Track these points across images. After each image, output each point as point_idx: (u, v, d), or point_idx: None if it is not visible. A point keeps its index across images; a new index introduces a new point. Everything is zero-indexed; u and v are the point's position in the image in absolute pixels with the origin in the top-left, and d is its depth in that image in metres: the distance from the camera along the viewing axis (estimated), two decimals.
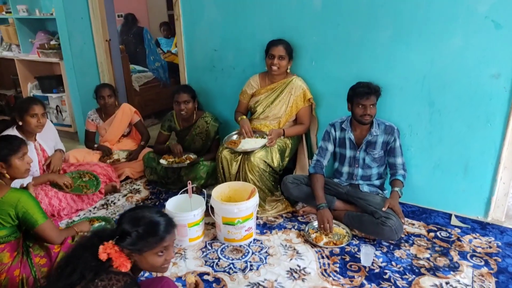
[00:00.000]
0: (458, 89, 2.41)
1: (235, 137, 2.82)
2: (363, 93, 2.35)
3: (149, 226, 1.36)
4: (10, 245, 1.85)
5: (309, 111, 2.88)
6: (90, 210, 2.81)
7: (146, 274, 2.06)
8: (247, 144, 2.68)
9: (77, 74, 3.92)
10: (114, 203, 2.92)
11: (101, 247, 1.29)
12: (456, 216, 2.59)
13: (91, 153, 3.31)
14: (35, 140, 2.72)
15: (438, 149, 2.58)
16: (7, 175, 1.92)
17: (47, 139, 2.83)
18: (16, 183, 2.49)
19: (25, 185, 2.49)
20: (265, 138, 2.70)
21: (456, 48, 2.35)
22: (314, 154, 2.70)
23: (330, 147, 2.59)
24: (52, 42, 4.14)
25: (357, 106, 2.39)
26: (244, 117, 2.90)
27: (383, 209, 2.30)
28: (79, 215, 2.74)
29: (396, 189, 2.40)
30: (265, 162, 2.63)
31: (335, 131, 2.57)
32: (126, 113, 3.40)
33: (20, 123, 2.57)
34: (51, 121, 3.90)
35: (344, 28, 2.64)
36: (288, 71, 2.83)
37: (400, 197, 2.40)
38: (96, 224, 2.56)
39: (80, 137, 4.08)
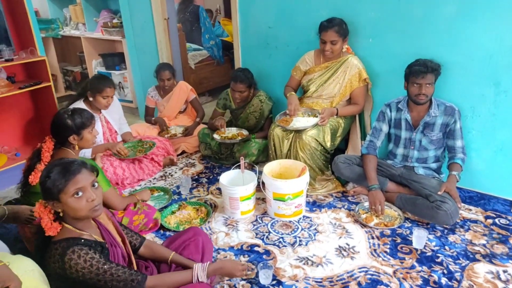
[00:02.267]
0: None
1: (287, 115, 2.84)
2: (418, 72, 2.26)
3: (57, 169, 1.38)
4: None
5: (364, 91, 2.82)
6: (150, 181, 3.00)
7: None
8: (299, 122, 2.69)
9: (138, 52, 4.12)
10: (172, 175, 3.09)
11: (35, 212, 1.38)
12: None
13: (151, 128, 3.50)
14: (100, 113, 2.93)
15: (501, 132, 2.44)
16: (77, 146, 2.11)
17: (112, 112, 3.03)
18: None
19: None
20: (317, 116, 2.70)
21: None
22: (367, 134, 2.66)
23: (385, 128, 2.54)
24: (115, 21, 4.36)
25: (412, 85, 2.31)
26: (293, 93, 2.87)
27: (439, 192, 2.24)
28: (140, 185, 2.94)
29: (454, 173, 2.32)
30: (317, 140, 2.63)
31: (390, 111, 2.51)
32: (183, 90, 3.53)
33: (91, 99, 2.77)
34: None
35: (405, 2, 2.53)
36: (344, 50, 2.77)
37: (458, 181, 2.32)
38: (156, 194, 2.75)
39: (141, 112, 4.31)
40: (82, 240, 1.40)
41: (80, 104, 2.78)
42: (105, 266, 1.37)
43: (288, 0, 3.05)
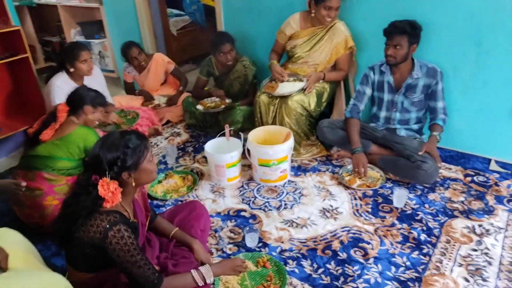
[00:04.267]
0: (510, 28, 2.24)
1: (272, 82, 2.83)
2: (386, 32, 2.29)
3: (129, 141, 1.41)
4: (72, 179, 2.06)
5: (350, 57, 2.80)
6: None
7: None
8: (284, 88, 2.68)
9: (117, 19, 3.99)
10: (157, 145, 3.09)
11: (99, 186, 1.36)
12: (496, 162, 2.53)
13: (134, 99, 3.46)
14: (83, 84, 2.86)
15: (482, 92, 2.47)
16: (82, 118, 2.15)
17: (94, 83, 2.95)
18: None
19: None
20: (303, 81, 2.69)
21: None
22: (351, 98, 2.67)
23: (368, 91, 2.55)
24: None
25: (385, 44, 2.32)
26: (275, 62, 2.86)
27: (420, 153, 2.29)
28: None
29: (435, 133, 2.36)
30: (302, 106, 2.64)
31: (374, 74, 2.51)
32: (160, 64, 3.47)
33: (72, 70, 2.70)
34: None
35: None
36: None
37: (438, 141, 2.37)
38: None
39: (123, 83, 4.23)
40: (130, 221, 1.45)
41: (62, 76, 2.72)
42: (138, 257, 1.38)
43: None
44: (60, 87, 2.67)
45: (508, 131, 2.48)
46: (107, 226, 1.35)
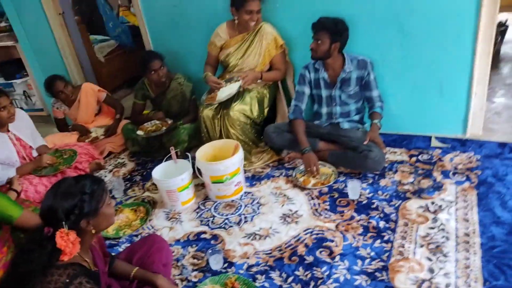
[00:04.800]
0: (426, 10, 2.37)
1: (209, 93, 2.77)
2: (312, 27, 2.37)
3: (85, 186, 1.32)
4: None
5: (283, 57, 2.81)
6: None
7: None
8: (223, 92, 2.63)
9: (37, 55, 3.76)
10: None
11: (57, 238, 1.24)
12: (436, 138, 2.65)
13: (68, 135, 3.25)
14: (9, 131, 2.65)
15: (412, 73, 2.59)
16: None
17: (21, 127, 2.74)
18: (2, 178, 2.46)
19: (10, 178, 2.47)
20: (239, 81, 2.63)
21: None
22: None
23: (307, 90, 2.57)
24: (2, 24, 3.90)
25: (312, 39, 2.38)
26: (208, 73, 2.81)
27: (365, 142, 2.34)
28: None
29: (375, 121, 2.43)
30: (244, 114, 2.61)
31: (309, 73, 2.54)
32: (90, 94, 3.30)
33: None
34: (22, 108, 3.79)
35: None
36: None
37: (379, 128, 2.44)
38: None
39: (54, 120, 3.98)
40: (91, 271, 1.34)
41: None
42: None
43: None
44: None
45: (442, 107, 2.61)
46: (67, 280, 1.23)
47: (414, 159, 2.50)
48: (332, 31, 2.31)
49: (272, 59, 2.77)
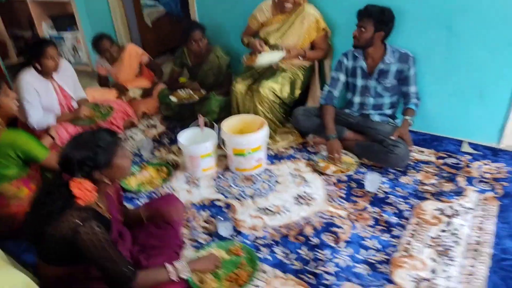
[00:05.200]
0: (480, 11, 2.26)
1: (250, 55, 2.73)
2: (357, 14, 2.31)
3: (99, 140, 1.40)
4: (23, 181, 1.99)
5: (325, 38, 2.77)
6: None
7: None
8: (264, 58, 2.63)
9: (89, 12, 3.91)
10: (133, 138, 3.06)
11: (72, 187, 1.34)
12: (469, 143, 2.57)
13: (107, 91, 3.40)
14: (53, 79, 2.81)
15: (454, 75, 2.49)
16: None
17: (65, 77, 2.90)
18: (42, 123, 2.63)
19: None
20: (282, 51, 2.63)
21: None
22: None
23: (342, 77, 2.54)
24: None
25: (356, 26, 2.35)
26: (251, 38, 2.81)
27: (392, 137, 2.31)
28: None
29: (407, 117, 2.38)
30: (274, 93, 2.63)
31: (347, 60, 2.50)
32: (133, 55, 3.41)
33: (38, 66, 2.64)
34: (69, 61, 3.98)
35: None
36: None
37: (410, 125, 2.39)
38: None
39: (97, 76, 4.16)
40: (103, 217, 1.43)
41: (30, 72, 2.64)
42: (111, 252, 1.36)
43: None
44: (29, 83, 2.61)
45: (479, 113, 2.52)
46: (79, 221, 1.33)
47: (441, 161, 2.44)
48: (377, 19, 2.26)
49: (314, 40, 2.74)
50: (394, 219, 2.01)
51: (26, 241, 1.98)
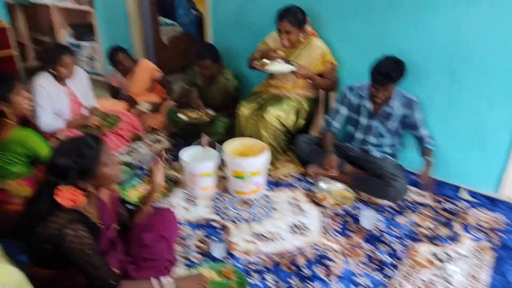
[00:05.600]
0: (482, 60, 2.32)
1: (265, 60, 2.73)
2: (378, 81, 2.30)
3: (80, 148, 1.41)
4: (27, 180, 2.03)
5: (333, 70, 2.81)
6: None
7: None
8: (275, 66, 2.65)
9: (108, 24, 4.04)
10: (137, 151, 3.09)
11: (57, 196, 1.36)
12: (467, 190, 2.58)
13: (117, 103, 3.47)
14: (65, 85, 2.87)
15: (454, 121, 2.54)
16: (9, 114, 1.98)
17: (78, 84, 2.97)
18: (50, 126, 2.68)
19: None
20: (293, 65, 2.64)
21: (484, 17, 2.24)
22: None
23: (343, 111, 2.58)
24: None
25: (372, 86, 2.36)
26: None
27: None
28: None
29: (428, 158, 2.41)
30: (279, 120, 2.68)
31: (352, 95, 2.55)
32: (145, 70, 3.50)
33: (53, 72, 2.71)
34: (84, 70, 4.08)
35: None
36: (301, 37, 2.72)
37: (432, 165, 2.41)
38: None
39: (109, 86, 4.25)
40: (91, 222, 1.45)
41: (45, 76, 2.72)
42: (95, 257, 1.37)
43: None
44: (43, 86, 2.68)
45: (479, 160, 2.54)
46: (64, 223, 1.36)
47: (438, 205, 2.45)
48: (397, 80, 2.32)
49: (323, 72, 2.77)
50: (387, 258, 2.00)
51: (15, 239, 2.00)
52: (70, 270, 1.47)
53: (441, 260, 2.00)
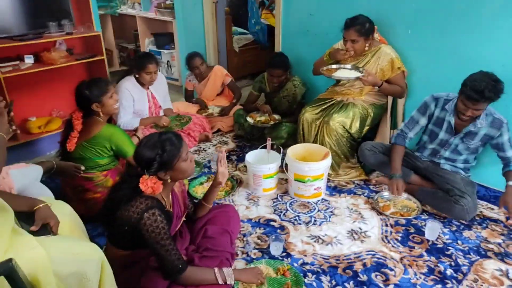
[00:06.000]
0: None
1: (333, 66, 2.81)
2: (470, 98, 2.06)
3: (164, 143, 1.57)
4: (111, 172, 2.28)
5: (402, 77, 2.76)
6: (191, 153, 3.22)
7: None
8: (342, 72, 2.69)
9: (186, 33, 4.33)
10: (205, 150, 3.30)
11: (141, 183, 1.54)
12: None
13: (190, 106, 3.72)
14: (148, 88, 3.16)
15: None
16: (101, 113, 2.24)
17: (158, 89, 3.25)
18: (128, 124, 2.97)
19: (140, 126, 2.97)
20: (362, 72, 2.65)
21: None
22: (398, 124, 2.67)
23: (423, 121, 2.43)
24: (168, 2, 4.61)
25: (461, 101, 2.13)
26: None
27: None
28: None
29: (511, 183, 2.23)
30: (344, 127, 2.69)
31: (435, 106, 2.36)
32: (218, 75, 3.71)
33: (137, 76, 3.01)
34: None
35: None
36: (375, 39, 2.74)
37: None
38: None
39: (184, 90, 4.55)
40: (165, 209, 1.63)
41: (130, 80, 3.01)
42: (167, 241, 1.54)
43: None
44: (128, 89, 2.97)
45: None
46: (144, 208, 1.53)
47: (511, 221, 2.30)
48: (492, 101, 2.07)
49: (390, 79, 2.73)
50: (449, 271, 1.93)
51: (101, 225, 2.25)
52: (143, 251, 1.65)
53: (510, 279, 1.88)
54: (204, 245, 1.84)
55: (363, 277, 1.91)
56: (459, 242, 2.14)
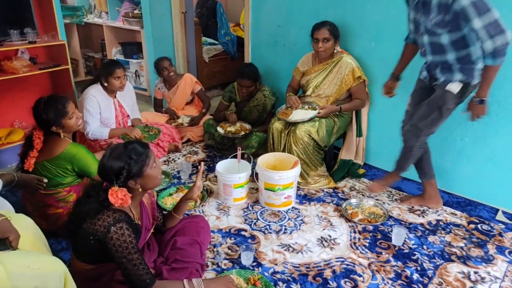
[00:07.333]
0: None
1: (288, 109, 2.93)
2: None
3: (131, 152, 1.55)
4: (74, 187, 2.21)
5: (363, 87, 2.88)
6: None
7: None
8: (297, 115, 2.80)
9: (155, 43, 4.30)
10: (175, 161, 3.25)
11: (110, 196, 1.51)
12: (504, 213, 2.51)
13: (159, 116, 3.68)
14: (115, 97, 3.10)
15: (492, 141, 2.49)
16: (62, 134, 2.13)
17: (126, 97, 3.20)
18: (96, 133, 2.90)
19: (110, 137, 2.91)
20: (316, 110, 2.78)
21: None
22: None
23: (411, 12, 2.24)
24: (136, 11, 4.56)
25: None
26: (292, 94, 3.02)
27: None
28: None
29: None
30: (309, 135, 2.73)
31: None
32: (188, 82, 3.70)
33: (106, 84, 2.95)
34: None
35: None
36: (335, 51, 2.84)
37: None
38: None
39: (153, 99, 4.49)
40: (134, 222, 1.59)
41: (97, 87, 2.95)
42: (135, 256, 1.50)
43: (297, 1, 3.17)
44: (94, 96, 2.91)
45: None
46: (112, 221, 1.49)
47: (472, 226, 2.40)
48: None
49: (351, 89, 2.85)
50: (416, 276, 1.99)
51: (66, 239, 2.17)
52: (108, 265, 1.60)
53: (472, 281, 1.95)
54: (173, 257, 1.81)
55: (333, 284, 1.93)
56: (425, 247, 2.21)
